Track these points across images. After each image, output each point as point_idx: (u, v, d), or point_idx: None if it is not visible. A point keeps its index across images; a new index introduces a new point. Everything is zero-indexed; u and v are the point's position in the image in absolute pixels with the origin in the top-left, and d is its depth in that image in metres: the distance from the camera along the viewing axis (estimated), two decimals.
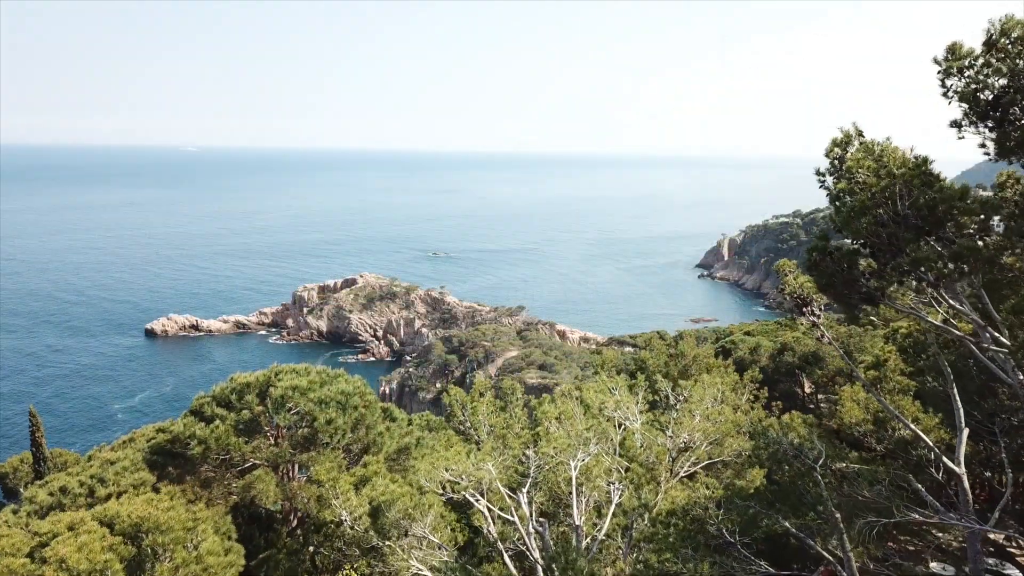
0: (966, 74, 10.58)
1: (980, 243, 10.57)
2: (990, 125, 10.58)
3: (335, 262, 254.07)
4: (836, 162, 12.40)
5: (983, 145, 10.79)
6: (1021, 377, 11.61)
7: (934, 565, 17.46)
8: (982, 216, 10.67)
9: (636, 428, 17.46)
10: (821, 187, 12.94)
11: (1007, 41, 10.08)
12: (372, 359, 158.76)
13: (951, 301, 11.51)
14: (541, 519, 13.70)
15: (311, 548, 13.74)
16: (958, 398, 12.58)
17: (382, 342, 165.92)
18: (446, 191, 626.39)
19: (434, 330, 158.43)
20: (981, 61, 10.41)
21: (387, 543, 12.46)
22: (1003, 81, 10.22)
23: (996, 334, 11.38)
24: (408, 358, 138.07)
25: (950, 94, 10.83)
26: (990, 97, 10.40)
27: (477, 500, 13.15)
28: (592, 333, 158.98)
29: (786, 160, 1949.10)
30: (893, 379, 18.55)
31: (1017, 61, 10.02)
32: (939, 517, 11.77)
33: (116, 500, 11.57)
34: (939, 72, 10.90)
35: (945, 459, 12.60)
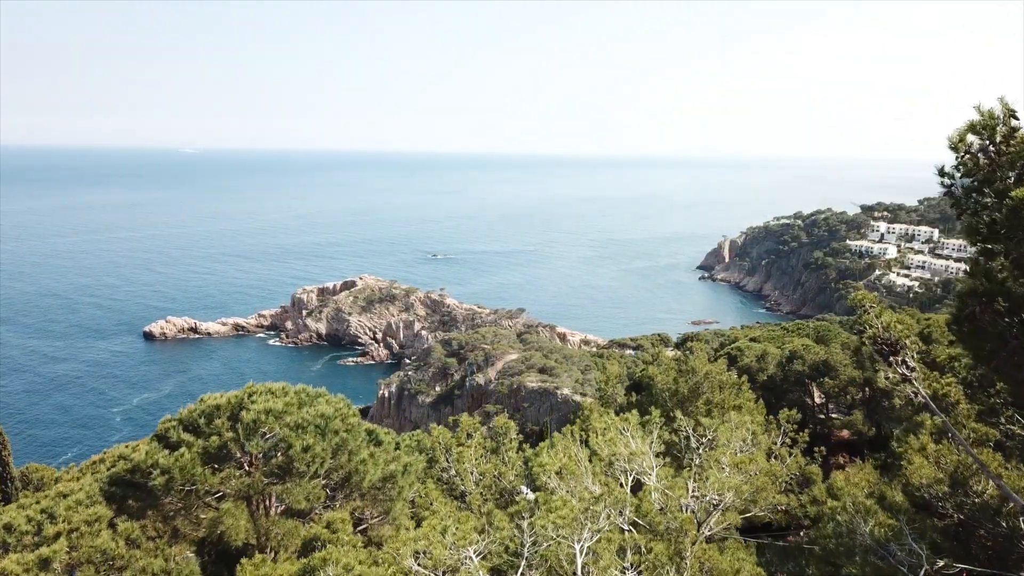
0: None
1: None
2: None
3: (335, 264, 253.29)
4: (972, 157, 8.90)
5: None
6: None
7: None
8: None
9: (653, 484, 14.91)
10: (946, 193, 9.47)
11: None
12: (371, 362, 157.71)
13: None
14: None
15: None
16: None
17: (381, 345, 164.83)
18: (446, 192, 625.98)
19: (434, 332, 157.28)
20: None
21: None
22: None
23: None
24: (407, 361, 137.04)
25: None
26: None
27: None
28: (593, 335, 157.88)
29: (787, 160, 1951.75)
30: (968, 426, 14.57)
31: None
32: None
33: None
34: None
35: None
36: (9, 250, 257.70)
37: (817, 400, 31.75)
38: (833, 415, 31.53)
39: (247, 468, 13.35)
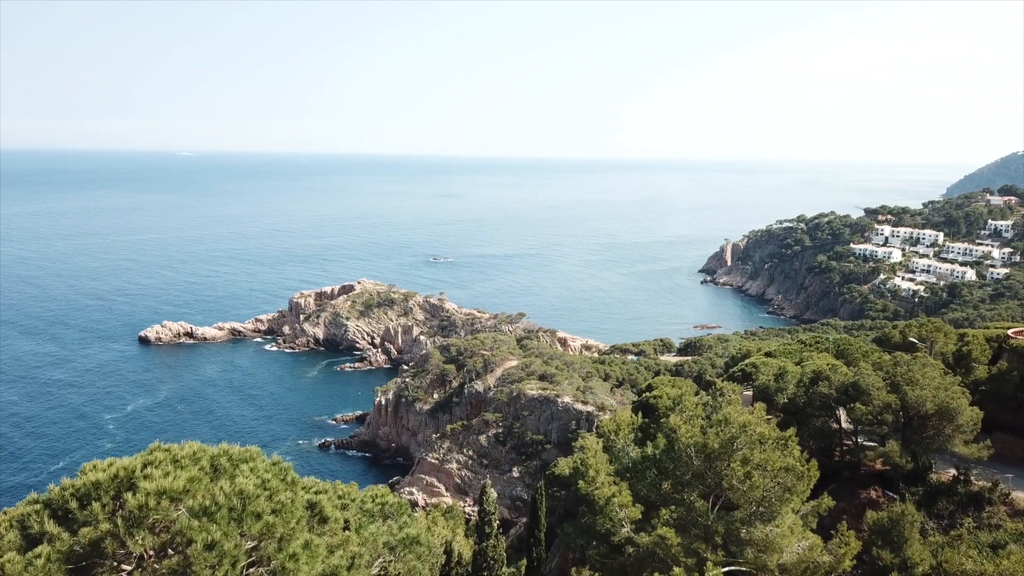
0: None
1: None
2: None
3: (333, 268, 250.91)
4: None
5: None
6: None
7: None
8: None
9: None
10: None
11: None
12: (369, 367, 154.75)
13: None
14: None
15: None
16: None
17: (379, 350, 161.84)
18: (448, 195, 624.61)
19: (432, 338, 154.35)
20: None
21: None
22: None
23: None
24: (405, 367, 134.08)
25: None
26: None
27: None
28: (594, 340, 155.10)
29: (789, 163, 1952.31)
30: None
31: None
32: None
33: None
34: None
35: None
36: (8, 253, 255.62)
37: (845, 426, 28.71)
38: (864, 443, 28.46)
39: (129, 573, 10.33)
